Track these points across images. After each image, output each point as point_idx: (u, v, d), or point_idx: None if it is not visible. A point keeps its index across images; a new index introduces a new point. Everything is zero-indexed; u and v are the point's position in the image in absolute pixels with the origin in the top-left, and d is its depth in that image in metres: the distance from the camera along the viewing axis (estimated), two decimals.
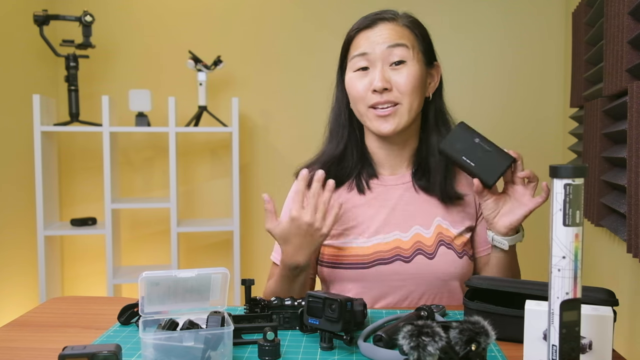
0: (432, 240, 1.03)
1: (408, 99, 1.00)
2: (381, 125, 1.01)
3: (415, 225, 1.05)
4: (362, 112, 1.03)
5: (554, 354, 0.60)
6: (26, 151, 2.26)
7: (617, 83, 1.36)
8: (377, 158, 1.09)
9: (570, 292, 0.60)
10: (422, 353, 0.61)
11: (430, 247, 1.03)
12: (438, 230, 1.04)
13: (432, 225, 1.05)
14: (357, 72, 1.03)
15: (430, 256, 1.02)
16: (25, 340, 0.85)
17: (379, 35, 1.01)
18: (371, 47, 1.01)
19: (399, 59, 1.00)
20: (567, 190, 0.59)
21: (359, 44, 1.03)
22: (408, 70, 1.00)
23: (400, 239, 1.04)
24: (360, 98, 1.02)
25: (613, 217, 1.49)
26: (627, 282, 1.43)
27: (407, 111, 1.01)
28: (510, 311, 0.79)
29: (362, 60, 1.02)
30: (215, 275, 0.78)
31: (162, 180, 2.53)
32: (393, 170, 1.09)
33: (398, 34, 1.02)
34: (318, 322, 0.77)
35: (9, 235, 2.15)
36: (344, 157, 1.09)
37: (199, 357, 0.70)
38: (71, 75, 2.28)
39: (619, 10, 1.33)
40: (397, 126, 1.01)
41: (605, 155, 1.52)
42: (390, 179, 1.09)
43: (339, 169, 1.08)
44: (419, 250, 1.03)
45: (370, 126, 1.03)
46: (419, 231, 1.04)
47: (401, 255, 1.03)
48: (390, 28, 1.02)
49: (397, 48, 1.00)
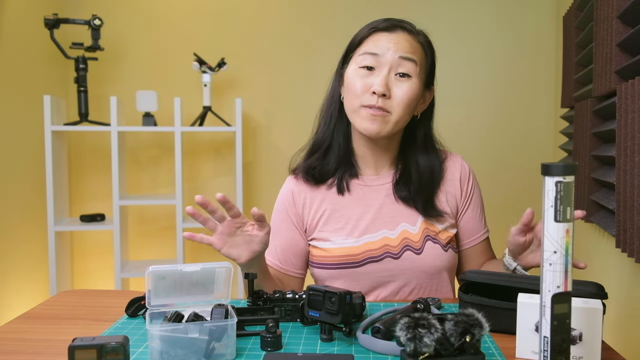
0: (418, 236, 1.05)
1: (400, 111, 1.01)
2: (368, 125, 1.01)
3: (402, 222, 1.06)
4: (353, 108, 1.03)
5: (545, 345, 0.62)
6: (37, 150, 2.29)
7: (606, 84, 1.37)
8: (361, 156, 1.10)
9: (561, 285, 0.61)
10: (419, 344, 0.62)
11: (417, 243, 1.05)
12: (424, 226, 1.06)
13: (418, 221, 1.07)
14: (361, 68, 1.02)
15: (418, 251, 1.04)
16: (36, 332, 0.87)
17: (395, 42, 1.01)
18: (384, 50, 1.01)
19: (405, 72, 1.01)
20: (558, 187, 0.60)
21: (373, 43, 1.02)
22: (410, 86, 1.01)
23: (389, 237, 1.05)
24: (357, 95, 1.02)
25: (602, 213, 1.50)
26: (615, 276, 1.45)
27: (395, 122, 1.02)
28: (504, 304, 0.80)
29: (371, 59, 1.01)
30: (220, 269, 0.80)
31: (168, 178, 2.56)
32: (377, 169, 1.10)
33: (412, 48, 1.02)
34: (318, 314, 0.79)
35: (21, 231, 2.19)
36: (330, 149, 1.09)
37: (204, 348, 0.72)
38: (80, 76, 2.30)
39: (608, 14, 1.34)
40: (381, 131, 1.01)
41: (594, 153, 1.53)
42: (373, 179, 1.10)
43: (324, 164, 1.09)
44: (407, 246, 1.05)
45: (357, 123, 1.03)
46: (406, 228, 1.06)
47: (390, 252, 1.04)
48: (407, 40, 1.02)
49: (407, 61, 1.01)
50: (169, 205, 2.51)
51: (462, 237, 1.12)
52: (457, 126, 2.50)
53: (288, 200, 1.11)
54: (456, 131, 2.48)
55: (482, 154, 2.50)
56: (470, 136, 2.50)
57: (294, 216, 1.11)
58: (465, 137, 2.50)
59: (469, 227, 1.11)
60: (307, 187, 1.11)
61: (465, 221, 1.11)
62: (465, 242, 1.12)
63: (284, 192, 1.14)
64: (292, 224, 1.11)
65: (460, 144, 1.18)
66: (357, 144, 1.10)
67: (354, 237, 1.06)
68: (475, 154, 1.11)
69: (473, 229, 1.12)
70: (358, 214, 1.07)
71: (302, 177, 1.11)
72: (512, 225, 0.93)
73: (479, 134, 2.52)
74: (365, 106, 1.01)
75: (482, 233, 1.13)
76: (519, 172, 2.50)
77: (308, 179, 1.10)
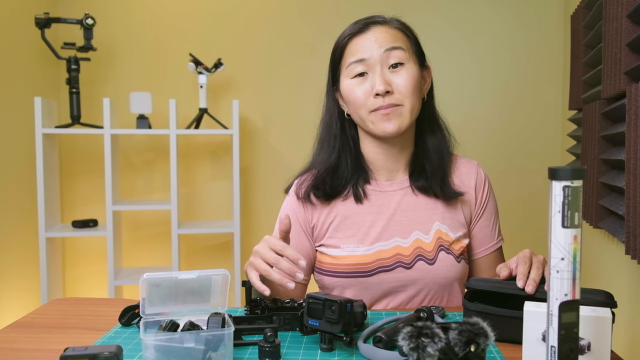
0: (432, 246, 1.03)
1: (409, 100, 1.00)
2: (385, 125, 1.00)
3: (415, 230, 1.05)
4: (364, 117, 1.02)
5: (552, 355, 0.60)
6: (28, 153, 2.26)
7: (615, 85, 1.36)
8: (375, 164, 1.09)
9: (569, 293, 0.60)
10: (422, 354, 0.61)
11: (430, 253, 1.03)
12: (437, 235, 1.04)
13: (432, 230, 1.05)
14: (354, 78, 1.02)
15: (431, 262, 1.02)
16: (26, 342, 0.85)
17: (374, 40, 1.01)
18: (368, 52, 1.00)
19: (397, 61, 1.00)
20: (565, 192, 0.59)
21: (354, 50, 1.02)
22: (407, 72, 1.00)
23: (401, 245, 1.03)
24: (362, 104, 1.01)
25: (611, 219, 1.49)
26: (625, 283, 1.43)
27: (409, 112, 1.01)
28: (510, 312, 0.79)
29: (360, 66, 1.01)
30: (216, 276, 0.78)
31: (163, 182, 2.54)
32: (390, 175, 1.09)
33: (392, 37, 1.02)
34: (318, 323, 0.78)
35: (10, 237, 2.16)
36: (338, 166, 1.08)
37: (200, 358, 0.70)
38: (72, 77, 2.28)
39: (617, 13, 1.33)
40: (401, 126, 1.00)
41: (603, 157, 1.52)
42: (387, 184, 1.08)
43: (334, 179, 1.07)
44: (419, 256, 1.03)
45: (374, 129, 1.02)
46: (419, 237, 1.04)
47: (402, 261, 1.03)
48: (383, 31, 1.02)
49: (394, 51, 1.00)
50: (163, 211, 2.49)
51: (474, 246, 1.10)
52: (461, 128, 2.48)
53: (296, 204, 1.09)
54: (460, 133, 2.46)
55: (486, 157, 2.47)
56: (475, 138, 2.48)
57: (303, 220, 1.08)
58: (469, 139, 2.46)
59: (481, 237, 1.10)
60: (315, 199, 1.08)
61: (479, 230, 1.10)
62: (477, 251, 1.10)
63: (291, 196, 1.11)
64: (300, 227, 1.08)
65: (464, 147, 1.17)
66: (370, 151, 1.08)
67: (366, 245, 1.04)
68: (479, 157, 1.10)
69: (485, 238, 1.10)
70: (370, 221, 1.05)
71: (311, 195, 1.07)
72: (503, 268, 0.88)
73: (483, 136, 2.50)
74: (373, 110, 1.00)
75: (495, 243, 1.11)
76: (525, 176, 2.48)
77: (318, 195, 1.06)
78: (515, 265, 0.86)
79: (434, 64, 1.10)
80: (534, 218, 2.44)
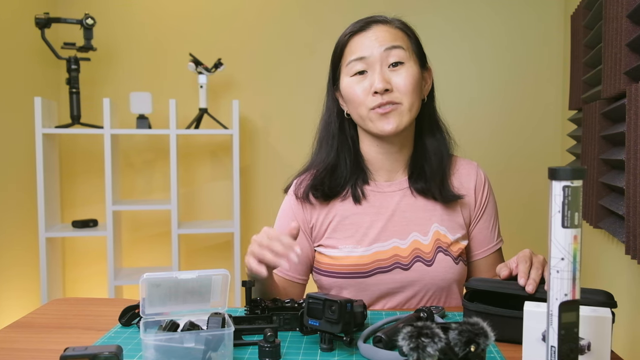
0: (430, 247, 1.03)
1: (408, 98, 1.00)
2: (384, 124, 1.00)
3: (413, 232, 1.04)
4: (363, 116, 1.02)
5: (552, 355, 0.60)
6: (28, 153, 2.26)
7: (615, 85, 1.36)
8: (374, 164, 1.08)
9: (569, 293, 0.60)
10: (422, 354, 0.61)
11: (428, 254, 1.03)
12: (436, 237, 1.04)
13: (430, 231, 1.05)
14: (354, 76, 1.02)
15: (429, 263, 1.02)
16: (26, 342, 0.85)
17: (375, 38, 1.01)
18: (368, 50, 1.00)
19: (397, 60, 1.00)
20: (565, 192, 0.59)
21: (354, 49, 1.02)
22: (407, 71, 1.00)
23: (399, 247, 1.03)
24: (361, 102, 1.01)
25: (611, 219, 1.49)
26: (625, 283, 1.43)
27: (408, 110, 1.01)
28: (510, 312, 0.79)
29: (360, 64, 1.01)
30: (216, 276, 0.78)
31: (163, 182, 2.53)
32: (389, 176, 1.09)
33: (393, 36, 1.02)
34: (318, 323, 0.78)
35: (10, 237, 2.16)
36: (337, 166, 1.08)
37: (200, 358, 0.70)
38: (72, 77, 2.28)
39: (617, 13, 1.33)
40: (399, 125, 1.00)
41: (603, 157, 1.52)
42: (386, 185, 1.08)
43: (333, 179, 1.07)
44: (417, 257, 1.03)
45: (373, 127, 1.02)
46: (417, 238, 1.04)
47: (400, 262, 1.02)
48: (384, 30, 1.02)
49: (394, 50, 1.00)
50: (163, 211, 2.49)
51: (473, 247, 1.10)
52: (461, 128, 2.47)
53: (295, 204, 1.09)
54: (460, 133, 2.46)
55: (486, 157, 2.46)
56: (475, 138, 2.47)
57: (302, 220, 1.08)
58: (469, 139, 2.47)
59: (481, 238, 1.10)
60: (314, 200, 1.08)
61: (478, 231, 1.09)
62: (476, 252, 1.10)
63: (290, 196, 1.11)
64: (299, 227, 1.08)
65: (464, 147, 1.17)
66: (369, 151, 1.08)
67: (364, 246, 1.03)
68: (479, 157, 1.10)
69: (485, 239, 1.10)
70: (368, 222, 1.05)
71: (310, 195, 1.07)
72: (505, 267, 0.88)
73: (483, 136, 2.50)
74: (373, 108, 1.00)
75: (494, 244, 1.11)
76: (525, 176, 2.48)
77: (317, 195, 1.06)
78: (515, 265, 0.86)
79: (434, 64, 1.10)
80: (534, 218, 2.44)
